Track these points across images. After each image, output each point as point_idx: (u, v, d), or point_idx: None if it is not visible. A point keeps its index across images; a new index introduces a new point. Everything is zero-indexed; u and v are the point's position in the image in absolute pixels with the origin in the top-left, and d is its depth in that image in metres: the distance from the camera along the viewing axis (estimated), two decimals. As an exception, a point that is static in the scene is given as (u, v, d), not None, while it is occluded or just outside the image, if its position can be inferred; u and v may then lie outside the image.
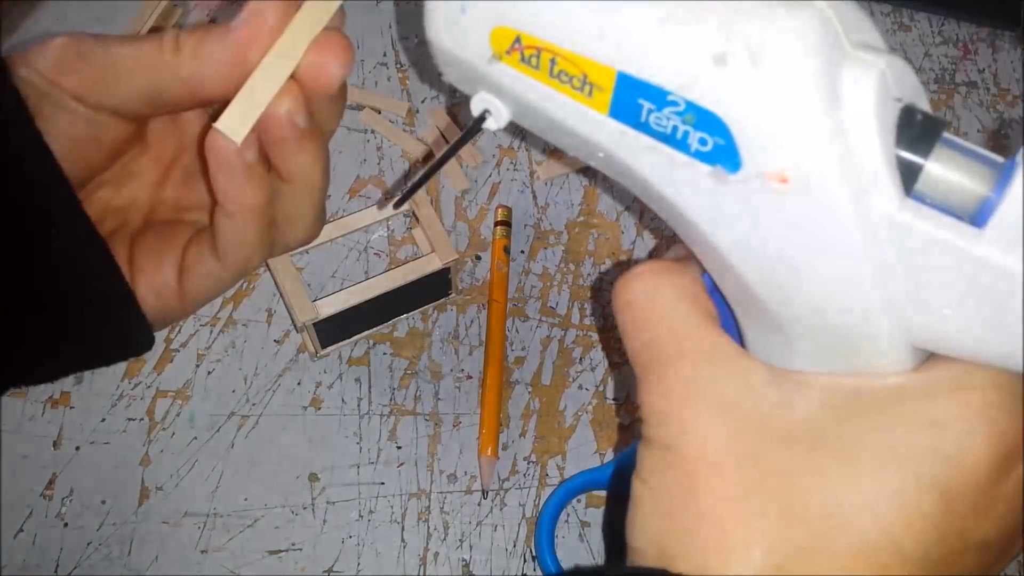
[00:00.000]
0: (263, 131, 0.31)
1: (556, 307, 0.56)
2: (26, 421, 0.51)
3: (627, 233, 0.58)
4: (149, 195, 0.37)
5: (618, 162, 0.28)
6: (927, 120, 0.26)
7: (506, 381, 0.53)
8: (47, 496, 0.49)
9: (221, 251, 0.34)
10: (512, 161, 0.60)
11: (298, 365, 0.53)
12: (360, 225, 0.53)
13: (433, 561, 0.49)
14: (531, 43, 0.27)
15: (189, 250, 0.35)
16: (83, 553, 0.48)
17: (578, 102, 0.27)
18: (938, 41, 0.66)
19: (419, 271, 0.51)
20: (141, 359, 0.53)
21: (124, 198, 0.36)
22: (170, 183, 0.37)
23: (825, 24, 0.24)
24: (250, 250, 0.34)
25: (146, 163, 0.36)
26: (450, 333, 0.55)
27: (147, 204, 0.37)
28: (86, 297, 0.33)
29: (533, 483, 0.51)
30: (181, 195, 0.37)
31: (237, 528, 0.49)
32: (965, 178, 0.25)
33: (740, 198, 0.26)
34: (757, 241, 0.26)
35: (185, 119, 0.36)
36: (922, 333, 0.27)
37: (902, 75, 0.26)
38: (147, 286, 0.34)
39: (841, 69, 0.25)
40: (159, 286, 0.34)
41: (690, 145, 0.26)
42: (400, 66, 0.64)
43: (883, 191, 0.25)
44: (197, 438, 0.51)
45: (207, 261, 0.34)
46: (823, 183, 0.24)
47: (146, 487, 0.50)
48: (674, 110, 0.25)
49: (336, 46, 0.31)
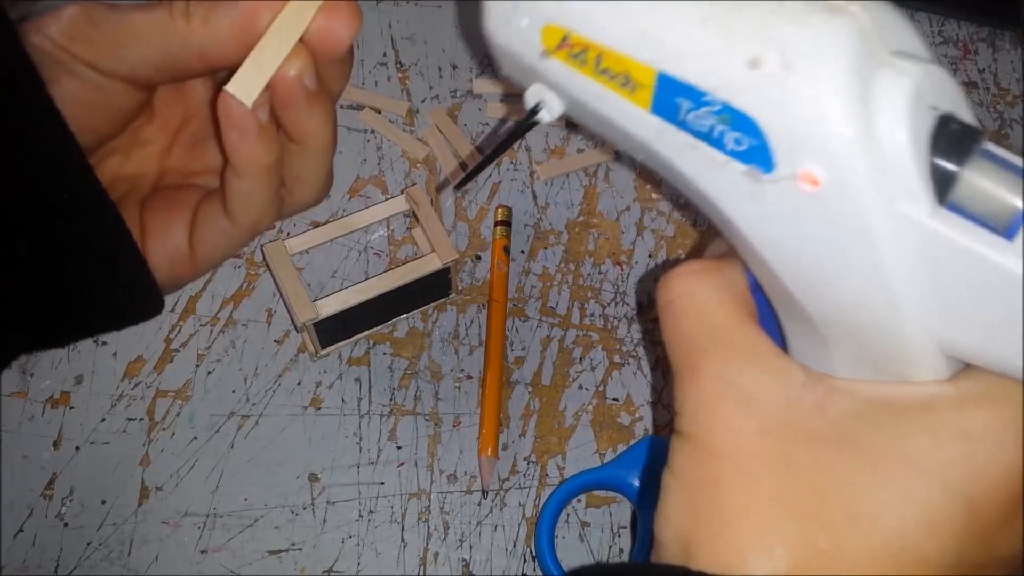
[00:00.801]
0: (273, 93, 0.32)
1: (556, 307, 0.56)
2: (26, 421, 0.51)
3: (627, 233, 0.58)
4: (157, 162, 0.37)
5: (660, 158, 0.29)
6: (964, 129, 0.26)
7: (506, 381, 0.53)
8: (47, 496, 0.49)
9: (232, 211, 0.34)
10: (512, 161, 0.60)
11: (298, 365, 0.53)
12: (360, 225, 0.53)
13: (433, 561, 0.49)
14: (578, 41, 0.28)
15: (200, 211, 0.35)
16: (83, 553, 0.48)
17: (622, 98, 0.28)
18: (938, 41, 0.66)
19: (419, 271, 0.51)
20: (141, 359, 0.53)
21: (132, 166, 0.37)
22: (177, 150, 0.38)
23: (860, 31, 0.25)
24: (261, 210, 0.35)
25: (153, 131, 0.37)
26: (450, 333, 0.55)
27: (155, 171, 0.37)
28: (97, 261, 0.33)
29: (533, 483, 0.51)
30: (188, 161, 0.38)
31: (237, 528, 0.49)
32: (1001, 189, 0.25)
33: (774, 197, 0.26)
34: (791, 240, 0.27)
35: (191, 86, 0.37)
36: (952, 342, 0.27)
37: (941, 84, 0.26)
38: (159, 249, 0.35)
39: (875, 76, 0.25)
40: (171, 249, 0.35)
41: (726, 144, 0.26)
42: (400, 66, 0.64)
43: (915, 198, 0.25)
44: (197, 438, 0.51)
45: (219, 221, 0.35)
46: (853, 188, 0.25)
47: (146, 487, 0.50)
48: (710, 110, 0.26)
49: (343, 10, 0.32)
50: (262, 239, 0.57)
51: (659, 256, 0.57)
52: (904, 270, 0.26)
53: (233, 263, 0.56)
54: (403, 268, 0.51)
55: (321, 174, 0.36)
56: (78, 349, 0.53)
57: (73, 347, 0.53)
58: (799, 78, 0.24)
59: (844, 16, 0.25)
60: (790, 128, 0.25)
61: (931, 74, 0.25)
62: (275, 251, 0.51)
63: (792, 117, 0.25)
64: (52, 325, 0.34)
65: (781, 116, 0.25)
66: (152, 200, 0.36)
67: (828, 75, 0.24)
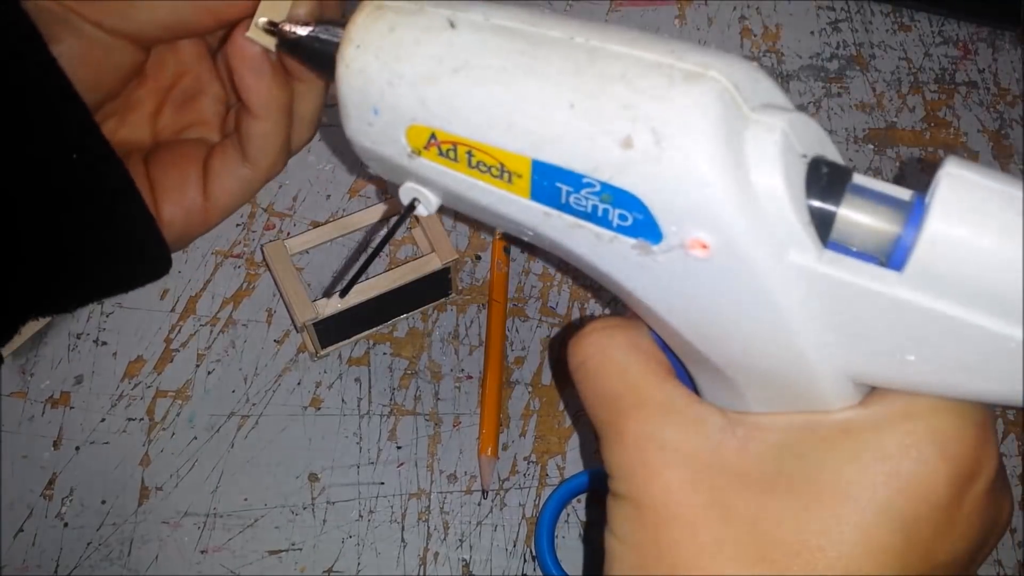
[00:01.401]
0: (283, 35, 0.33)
1: (556, 307, 0.56)
2: (26, 421, 0.51)
3: (627, 233, 0.58)
4: (149, 125, 0.38)
5: (548, 238, 0.29)
6: (833, 170, 0.26)
7: (506, 381, 0.53)
8: (47, 496, 0.50)
9: (252, 155, 0.36)
10: (512, 161, 0.60)
11: (298, 365, 0.53)
12: (360, 225, 0.53)
13: (433, 561, 0.49)
14: (446, 138, 0.28)
15: (214, 162, 0.36)
16: (83, 553, 0.48)
17: (500, 188, 0.28)
18: (938, 41, 0.66)
19: (419, 271, 0.51)
20: (141, 359, 0.53)
21: (127, 130, 0.37)
22: (167, 110, 0.38)
23: (721, 94, 0.25)
24: (278, 150, 0.36)
25: (145, 93, 0.38)
26: (450, 333, 0.55)
27: (149, 134, 0.38)
28: (106, 221, 0.34)
29: (533, 483, 0.51)
30: (177, 119, 0.38)
31: (237, 528, 0.49)
32: (876, 220, 0.26)
33: (666, 266, 0.27)
34: (689, 302, 0.27)
35: (181, 45, 0.38)
36: (859, 372, 0.27)
37: (806, 129, 0.27)
38: (174, 205, 0.36)
39: (744, 134, 0.25)
40: (187, 203, 0.36)
41: (612, 221, 0.27)
42: (400, 66, 0.64)
43: (800, 245, 0.25)
44: (197, 438, 0.51)
45: (237, 169, 0.36)
46: (741, 247, 0.25)
47: (146, 487, 0.50)
48: (591, 191, 0.26)
49: None
50: (262, 239, 0.57)
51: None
52: (801, 314, 0.26)
53: (233, 263, 0.56)
54: (403, 268, 0.51)
55: (316, 113, 0.37)
56: (78, 349, 0.53)
57: (73, 347, 0.53)
58: (672, 152, 0.25)
59: (704, 83, 0.25)
60: (671, 200, 0.25)
61: (796, 122, 0.26)
62: (275, 251, 0.51)
63: (671, 189, 0.25)
64: (59, 287, 0.35)
65: (660, 189, 0.25)
66: (157, 158, 0.37)
67: (698, 144, 0.25)
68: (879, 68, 0.64)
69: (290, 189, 0.59)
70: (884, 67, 0.64)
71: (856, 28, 0.66)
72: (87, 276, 0.35)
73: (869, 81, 0.64)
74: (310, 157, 0.60)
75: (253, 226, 0.58)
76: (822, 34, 0.66)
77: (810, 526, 0.27)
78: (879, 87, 0.64)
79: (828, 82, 0.64)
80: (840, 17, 0.66)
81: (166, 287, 0.55)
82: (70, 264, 0.34)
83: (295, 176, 0.59)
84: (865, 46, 0.65)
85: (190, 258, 0.56)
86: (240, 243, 0.57)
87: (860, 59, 0.65)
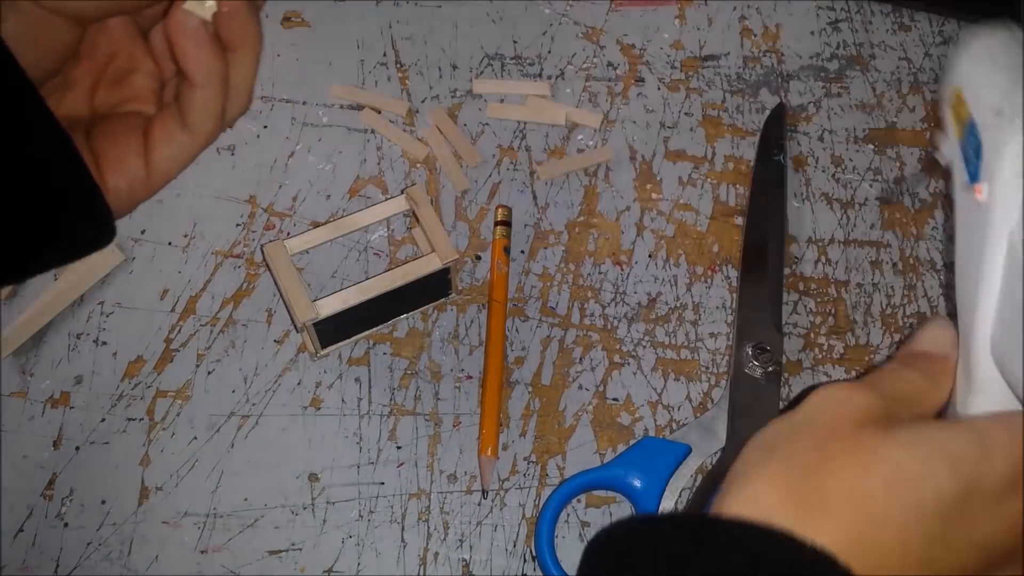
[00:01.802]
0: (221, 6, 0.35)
1: (556, 307, 0.56)
2: (26, 421, 0.51)
3: (627, 233, 0.58)
4: (86, 102, 0.40)
5: None
6: None
7: (506, 381, 0.53)
8: (47, 496, 0.50)
9: (191, 123, 0.38)
10: (512, 161, 0.60)
11: (298, 365, 0.53)
12: (360, 225, 0.53)
13: (433, 561, 0.49)
14: None
15: (154, 132, 0.38)
16: (83, 553, 0.48)
17: None
18: (938, 41, 0.66)
19: (419, 271, 0.51)
20: (141, 359, 0.53)
21: (67, 107, 0.39)
22: (103, 88, 0.40)
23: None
24: (216, 117, 0.38)
25: (81, 73, 0.39)
26: (450, 333, 0.55)
27: (86, 111, 0.40)
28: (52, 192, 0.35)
29: (533, 483, 0.51)
30: (114, 94, 0.40)
31: (237, 528, 0.49)
32: None
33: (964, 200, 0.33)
34: None
35: (112, 25, 0.40)
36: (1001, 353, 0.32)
37: None
38: (117, 175, 0.38)
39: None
40: (129, 172, 0.38)
41: None
42: (400, 66, 0.64)
43: None
44: (197, 438, 0.51)
45: (176, 136, 0.38)
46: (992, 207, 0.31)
47: (146, 487, 0.50)
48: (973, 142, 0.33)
49: None
50: (262, 239, 0.57)
51: (659, 256, 0.57)
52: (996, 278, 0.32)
53: (233, 263, 0.56)
54: (403, 268, 0.51)
55: (251, 82, 0.39)
56: (78, 349, 0.53)
57: (73, 347, 0.53)
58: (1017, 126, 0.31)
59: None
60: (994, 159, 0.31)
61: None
62: (275, 251, 0.51)
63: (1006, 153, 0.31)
64: (8, 257, 0.36)
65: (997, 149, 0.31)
66: (98, 131, 0.38)
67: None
68: (879, 68, 0.64)
69: (290, 189, 0.59)
70: (884, 67, 0.64)
71: (856, 28, 0.66)
72: (36, 246, 0.36)
73: (869, 81, 0.64)
74: (310, 157, 0.60)
75: (253, 226, 0.58)
76: (822, 34, 0.66)
77: None
78: (879, 87, 0.64)
79: (828, 82, 0.64)
80: (840, 17, 0.66)
81: (166, 287, 0.55)
82: (22, 235, 0.36)
83: (295, 176, 0.59)
84: (865, 46, 0.65)
85: (190, 258, 0.56)
86: (240, 243, 0.57)
87: (860, 59, 0.65)
